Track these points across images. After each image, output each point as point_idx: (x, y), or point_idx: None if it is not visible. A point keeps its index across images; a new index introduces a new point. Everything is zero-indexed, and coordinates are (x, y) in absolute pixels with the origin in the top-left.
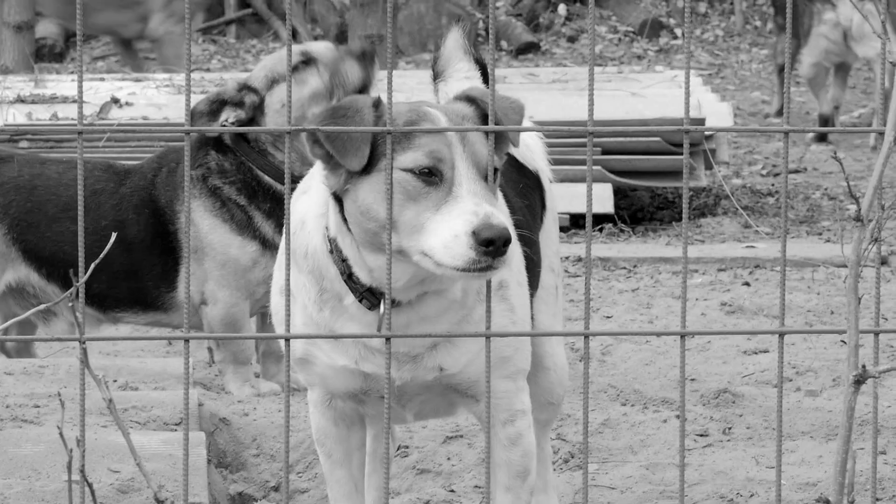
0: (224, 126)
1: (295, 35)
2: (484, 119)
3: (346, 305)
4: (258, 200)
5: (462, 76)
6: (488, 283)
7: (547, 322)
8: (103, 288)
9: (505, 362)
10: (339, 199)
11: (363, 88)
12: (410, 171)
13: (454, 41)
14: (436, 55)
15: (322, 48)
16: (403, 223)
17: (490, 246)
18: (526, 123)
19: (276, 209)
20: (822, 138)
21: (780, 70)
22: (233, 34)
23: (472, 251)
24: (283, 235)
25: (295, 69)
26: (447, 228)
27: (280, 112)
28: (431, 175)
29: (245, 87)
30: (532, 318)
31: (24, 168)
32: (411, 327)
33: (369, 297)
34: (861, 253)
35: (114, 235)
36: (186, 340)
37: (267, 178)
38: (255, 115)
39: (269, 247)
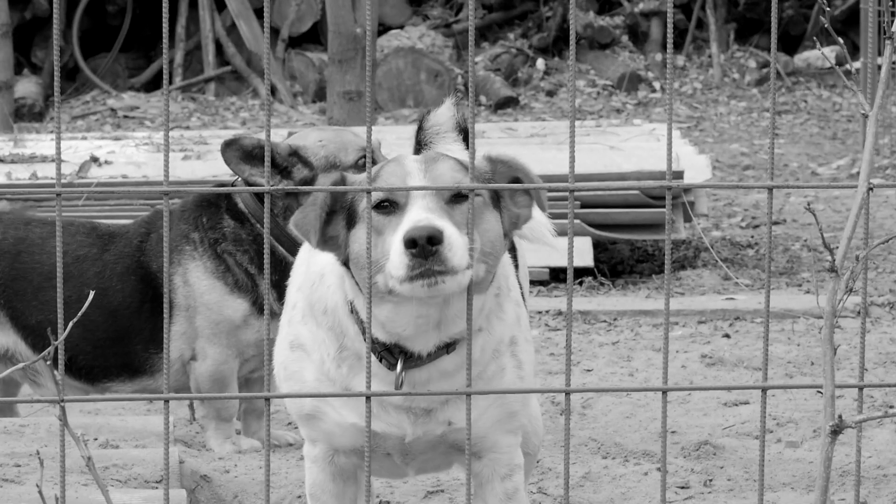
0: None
1: (274, 92)
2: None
3: (364, 363)
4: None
5: (448, 145)
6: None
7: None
8: (89, 359)
9: (511, 417)
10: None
11: None
12: (374, 208)
13: (447, 113)
14: (424, 123)
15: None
16: (383, 255)
17: (414, 247)
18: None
19: (282, 282)
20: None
21: None
22: (212, 92)
23: (406, 256)
24: (289, 289)
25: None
26: (394, 242)
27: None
28: (390, 205)
29: (298, 157)
30: None
31: (8, 230)
32: (432, 383)
33: (388, 356)
34: (836, 304)
35: (91, 295)
36: (166, 401)
37: (281, 249)
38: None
39: (262, 312)
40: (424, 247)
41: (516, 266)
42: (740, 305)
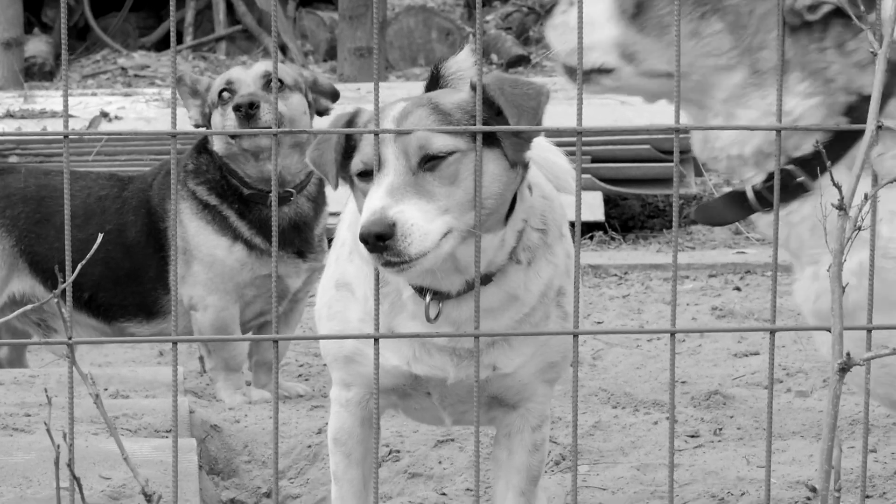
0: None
1: (285, 51)
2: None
3: (405, 300)
4: (228, 200)
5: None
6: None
7: None
8: (109, 296)
9: (551, 368)
10: None
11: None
12: (359, 174)
13: (468, 59)
14: (443, 70)
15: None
16: None
17: (366, 244)
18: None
19: (246, 211)
20: None
21: None
22: (223, 51)
23: (364, 248)
24: (339, 226)
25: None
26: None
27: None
28: (369, 174)
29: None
30: None
31: (29, 179)
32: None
33: (420, 294)
34: (844, 242)
35: (100, 236)
36: (174, 343)
37: (233, 181)
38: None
39: (253, 248)
40: (375, 244)
41: None
42: (751, 259)
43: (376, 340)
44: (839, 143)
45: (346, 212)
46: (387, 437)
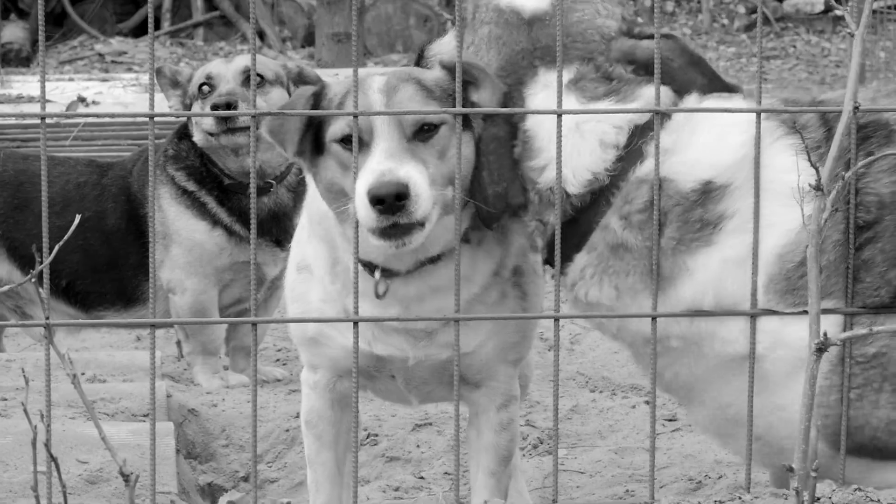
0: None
1: (263, 37)
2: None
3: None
4: (207, 187)
5: None
6: (457, 260)
7: None
8: (87, 284)
9: (512, 348)
10: None
11: None
12: (339, 141)
13: (451, 42)
14: (426, 52)
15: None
16: (351, 191)
17: (380, 204)
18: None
19: (225, 199)
20: None
21: None
22: (200, 37)
23: (373, 212)
24: (304, 209)
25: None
26: (359, 192)
27: None
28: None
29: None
30: None
31: (7, 164)
32: (425, 301)
33: (367, 269)
34: (821, 222)
35: (77, 217)
36: (152, 326)
37: (214, 170)
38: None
39: (233, 234)
40: (393, 204)
41: None
42: None
43: (355, 324)
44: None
45: (308, 197)
46: (365, 421)
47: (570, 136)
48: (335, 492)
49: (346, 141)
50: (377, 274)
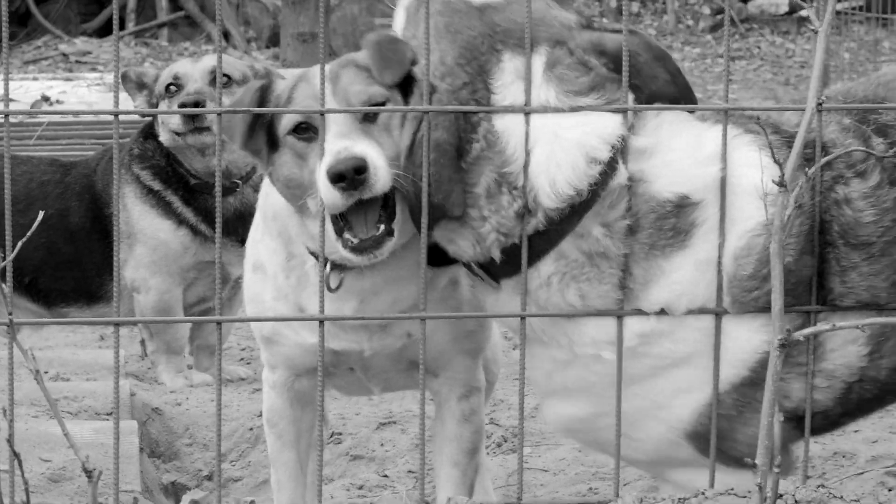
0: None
1: (228, 38)
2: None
3: (307, 271)
4: (172, 187)
5: None
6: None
7: None
8: (49, 282)
9: (467, 337)
10: None
11: None
12: (291, 133)
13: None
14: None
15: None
16: (310, 183)
17: (342, 181)
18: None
19: (191, 198)
20: None
21: None
22: (165, 37)
23: (336, 191)
24: (258, 209)
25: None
26: (320, 176)
27: None
28: (307, 130)
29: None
30: None
31: None
32: (380, 293)
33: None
34: (784, 218)
35: (41, 214)
36: (116, 325)
37: (180, 170)
38: None
39: (197, 234)
40: (353, 179)
41: None
42: None
43: (321, 323)
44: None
45: (261, 194)
46: (329, 420)
47: (548, 145)
48: (298, 490)
49: (298, 130)
50: (328, 267)
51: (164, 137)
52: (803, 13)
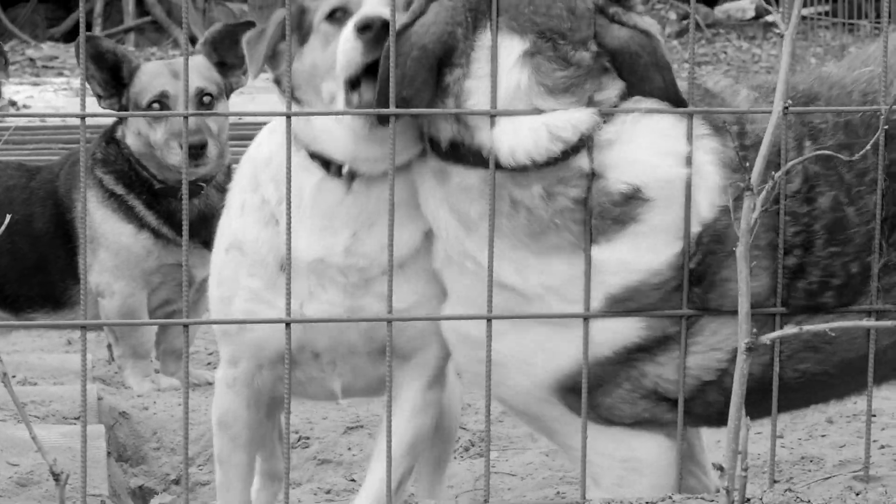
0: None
1: (194, 42)
2: None
3: (318, 183)
4: (136, 191)
5: None
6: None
7: None
8: (15, 288)
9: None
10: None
11: None
12: (326, 19)
13: None
14: None
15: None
16: (332, 64)
17: (368, 30)
18: None
19: (154, 202)
20: None
21: None
22: (132, 42)
23: (359, 42)
24: (232, 186)
25: None
26: (344, 34)
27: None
28: (343, 14)
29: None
30: None
31: None
32: (375, 225)
33: (336, 172)
34: (751, 222)
35: (7, 218)
36: (83, 328)
37: (144, 174)
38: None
39: (160, 237)
40: (378, 33)
41: None
42: None
43: (287, 325)
44: None
45: (238, 177)
46: (296, 424)
47: (515, 119)
48: (247, 490)
49: (332, 16)
50: (345, 167)
51: (131, 141)
52: (769, 18)
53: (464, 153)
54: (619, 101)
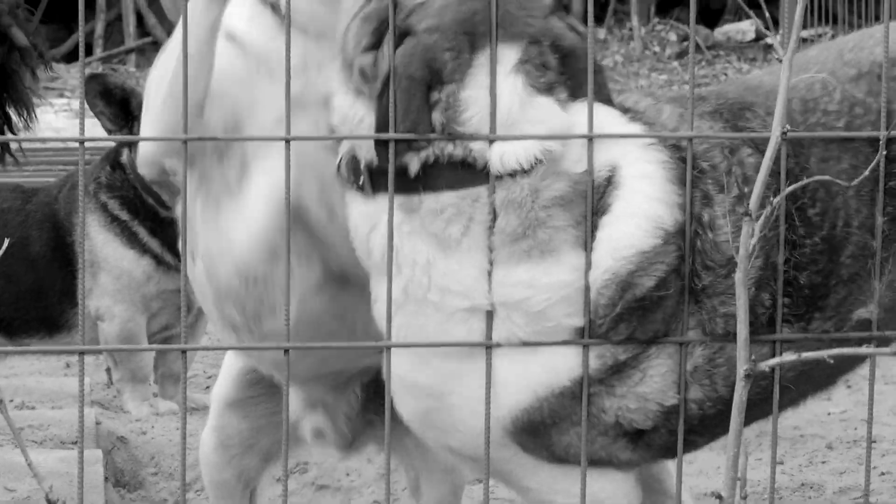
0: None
1: None
2: None
3: None
4: (140, 217)
5: None
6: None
7: None
8: (10, 311)
9: None
10: None
11: None
12: None
13: None
14: None
15: None
16: None
17: None
18: None
19: (158, 229)
20: None
21: None
22: (133, 63)
23: None
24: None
25: None
26: None
27: None
28: None
29: None
30: None
31: None
32: None
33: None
34: (749, 247)
35: (6, 242)
36: (81, 353)
37: (150, 201)
38: None
39: (161, 263)
40: None
41: None
42: None
43: (286, 351)
44: None
45: None
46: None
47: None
48: None
49: None
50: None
51: (144, 169)
52: (768, 41)
53: (436, 175)
54: (569, 101)
